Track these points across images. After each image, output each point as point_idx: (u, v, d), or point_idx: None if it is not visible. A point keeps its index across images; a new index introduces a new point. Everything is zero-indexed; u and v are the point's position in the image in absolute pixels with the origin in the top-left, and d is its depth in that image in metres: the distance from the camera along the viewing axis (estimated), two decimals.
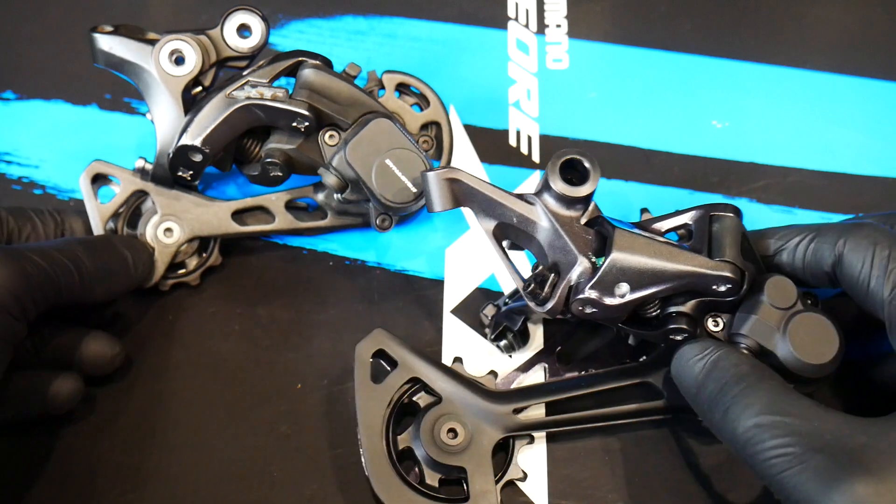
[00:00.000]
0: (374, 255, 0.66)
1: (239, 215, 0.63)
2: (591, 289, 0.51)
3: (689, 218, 0.55)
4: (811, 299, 0.54)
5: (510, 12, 0.76)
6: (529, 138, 0.71)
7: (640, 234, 0.52)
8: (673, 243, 0.52)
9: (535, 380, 0.61)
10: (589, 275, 0.52)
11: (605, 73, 0.73)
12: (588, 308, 0.52)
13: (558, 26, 0.76)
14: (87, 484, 0.57)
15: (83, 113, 0.70)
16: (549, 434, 0.59)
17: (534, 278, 0.54)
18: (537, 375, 0.61)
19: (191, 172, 0.61)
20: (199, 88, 0.61)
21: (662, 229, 0.55)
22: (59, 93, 0.71)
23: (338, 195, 0.61)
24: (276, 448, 0.59)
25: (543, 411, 0.58)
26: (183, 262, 0.63)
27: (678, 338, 0.53)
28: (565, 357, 0.61)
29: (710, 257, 0.52)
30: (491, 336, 0.61)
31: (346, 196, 0.61)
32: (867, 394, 0.57)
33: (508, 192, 0.54)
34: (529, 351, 0.62)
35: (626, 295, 0.51)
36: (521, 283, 0.55)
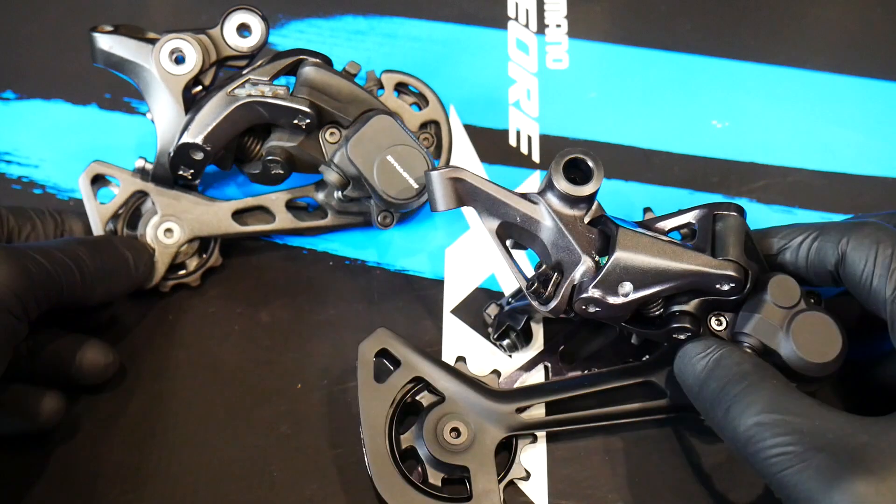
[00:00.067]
0: (375, 254, 0.65)
1: (239, 215, 0.63)
2: (595, 288, 0.51)
3: (693, 217, 0.55)
4: (815, 298, 0.54)
5: (510, 12, 0.76)
6: (529, 138, 0.70)
7: (643, 234, 0.52)
8: (676, 242, 0.52)
9: (537, 379, 0.60)
10: (592, 274, 0.51)
11: (605, 73, 0.73)
12: (591, 307, 0.52)
13: (558, 26, 0.76)
14: (87, 484, 0.57)
15: (83, 113, 0.70)
16: (550, 434, 0.59)
17: (537, 277, 0.54)
18: (540, 375, 0.61)
19: (192, 171, 0.61)
20: (199, 88, 0.61)
21: (666, 228, 0.55)
22: (59, 93, 0.71)
23: (339, 193, 0.61)
24: (276, 448, 0.58)
25: (545, 411, 0.58)
26: (183, 263, 0.63)
27: (681, 337, 0.53)
28: (568, 356, 0.61)
29: (714, 256, 0.51)
30: (494, 336, 0.61)
31: (347, 193, 0.61)
32: (869, 393, 0.57)
33: (512, 192, 0.54)
34: (532, 350, 0.61)
35: (629, 294, 0.51)
36: (525, 283, 0.55)
